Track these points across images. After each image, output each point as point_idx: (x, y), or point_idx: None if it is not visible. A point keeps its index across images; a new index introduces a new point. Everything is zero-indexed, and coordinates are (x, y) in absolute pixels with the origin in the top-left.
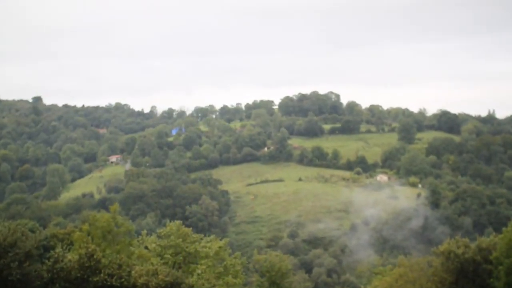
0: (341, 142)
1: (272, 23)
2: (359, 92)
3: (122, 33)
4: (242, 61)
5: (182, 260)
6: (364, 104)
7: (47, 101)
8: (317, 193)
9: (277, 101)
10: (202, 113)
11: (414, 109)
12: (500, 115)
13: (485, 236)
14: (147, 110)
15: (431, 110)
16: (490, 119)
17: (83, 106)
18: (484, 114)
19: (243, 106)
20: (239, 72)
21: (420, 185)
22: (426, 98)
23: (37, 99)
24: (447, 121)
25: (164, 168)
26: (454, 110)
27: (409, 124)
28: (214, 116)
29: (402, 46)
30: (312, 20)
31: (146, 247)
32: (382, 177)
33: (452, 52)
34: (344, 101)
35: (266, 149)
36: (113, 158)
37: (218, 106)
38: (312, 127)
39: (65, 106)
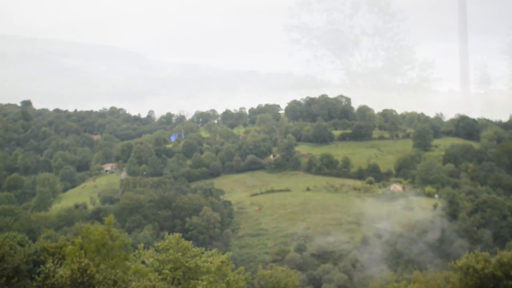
0: (352, 149)
1: (276, 22)
2: (371, 95)
3: (118, 33)
4: (245, 63)
5: (182, 276)
6: (377, 108)
7: (37, 105)
8: (327, 204)
9: (283, 105)
10: (203, 118)
11: (430, 114)
12: None
13: (506, 250)
14: (144, 115)
15: (449, 115)
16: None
17: (75, 110)
18: (505, 119)
19: (247, 111)
20: (242, 74)
21: (436, 195)
22: (443, 102)
23: (27, 103)
24: (466, 127)
25: (162, 177)
26: (473, 115)
27: (425, 130)
28: (216, 122)
29: (416, 46)
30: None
31: (143, 262)
32: (396, 187)
33: (471, 52)
34: (355, 105)
35: (271, 156)
36: (108, 166)
37: (220, 111)
38: (321, 133)
39: (57, 110)
